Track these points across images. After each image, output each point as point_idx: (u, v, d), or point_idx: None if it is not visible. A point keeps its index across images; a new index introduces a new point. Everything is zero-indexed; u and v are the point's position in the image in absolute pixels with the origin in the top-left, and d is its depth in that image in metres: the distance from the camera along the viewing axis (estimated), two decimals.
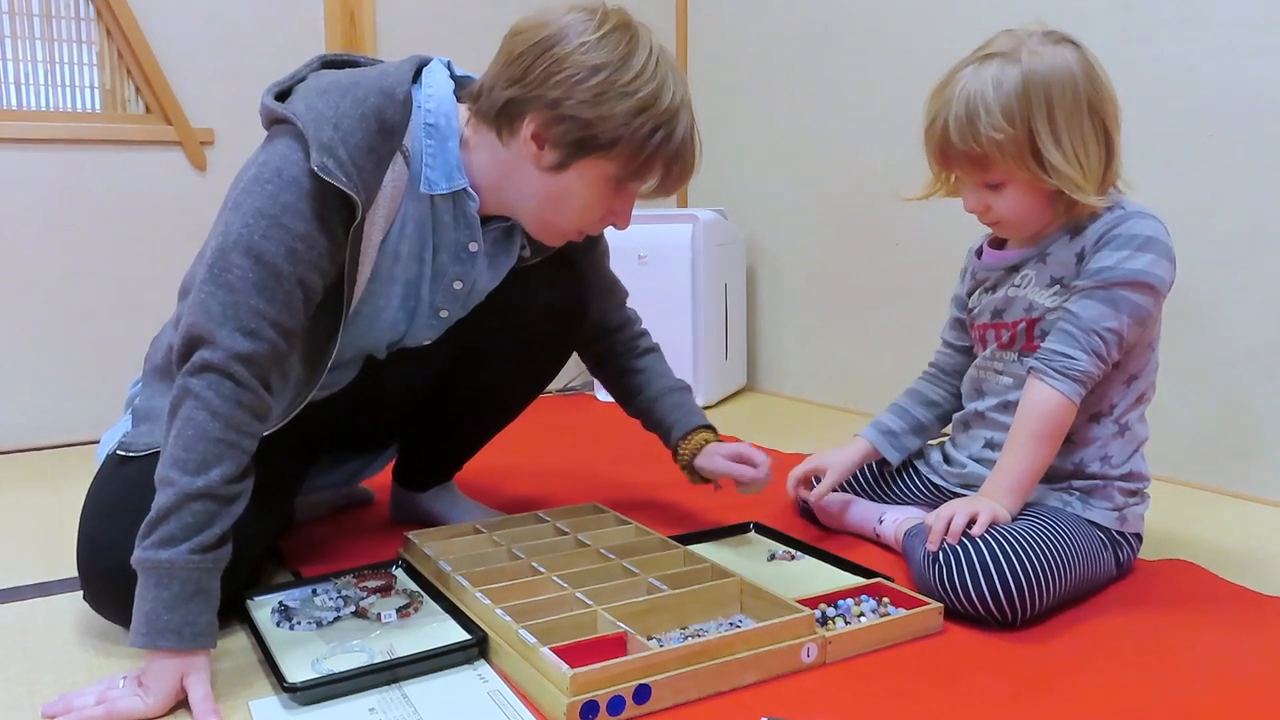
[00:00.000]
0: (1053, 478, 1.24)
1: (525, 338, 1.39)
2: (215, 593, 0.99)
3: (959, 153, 1.16)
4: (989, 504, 1.16)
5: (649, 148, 1.12)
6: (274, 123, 1.11)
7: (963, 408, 1.40)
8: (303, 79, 1.14)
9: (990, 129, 1.13)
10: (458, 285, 1.25)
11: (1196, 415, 1.71)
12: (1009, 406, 1.26)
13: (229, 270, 1.03)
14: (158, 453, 1.02)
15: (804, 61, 2.50)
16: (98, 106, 2.22)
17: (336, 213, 1.07)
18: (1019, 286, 1.26)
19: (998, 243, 1.33)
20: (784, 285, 2.66)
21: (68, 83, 2.19)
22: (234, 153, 2.28)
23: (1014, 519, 1.17)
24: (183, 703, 0.95)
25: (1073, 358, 1.16)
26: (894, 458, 1.43)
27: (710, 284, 2.49)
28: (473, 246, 1.23)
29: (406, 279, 1.22)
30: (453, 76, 1.21)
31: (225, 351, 1.00)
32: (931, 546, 1.15)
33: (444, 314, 1.28)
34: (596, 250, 1.46)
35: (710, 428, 1.48)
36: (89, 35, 2.19)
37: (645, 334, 1.56)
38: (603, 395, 2.63)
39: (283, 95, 1.12)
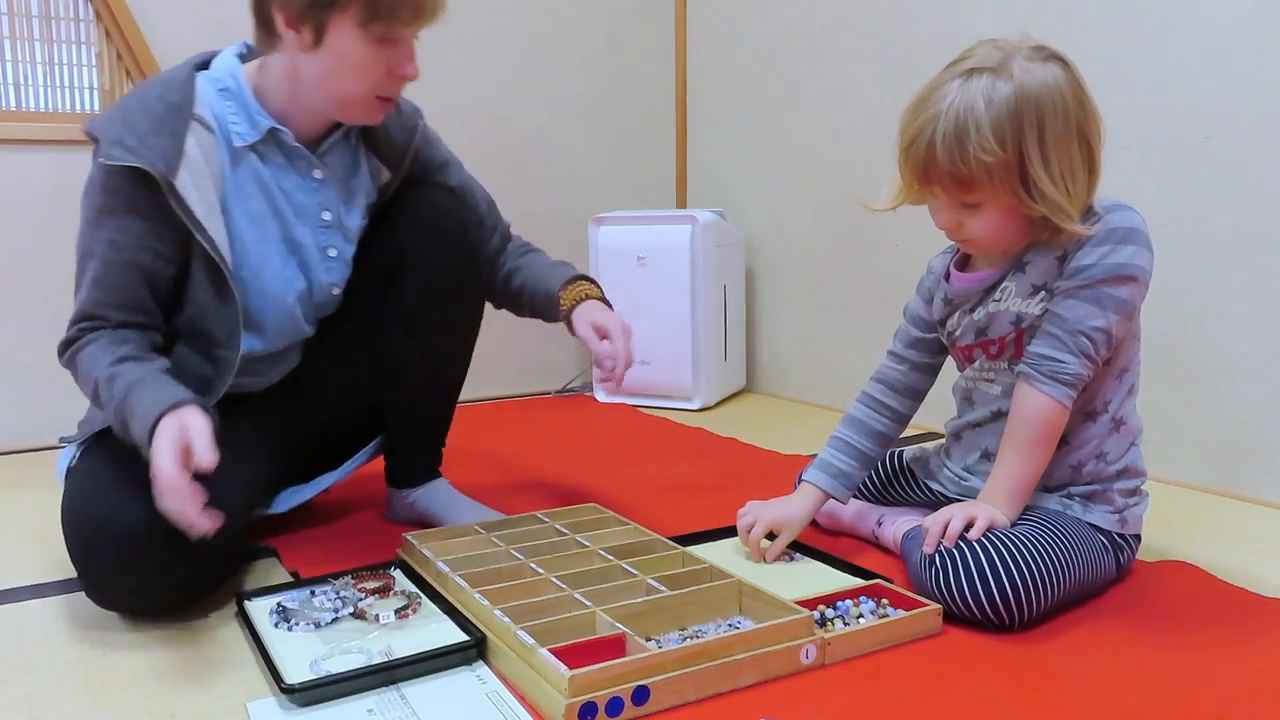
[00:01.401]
0: (1050, 483, 1.24)
1: (436, 266, 1.41)
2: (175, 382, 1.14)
3: (943, 173, 1.11)
4: (987, 509, 1.15)
5: None
6: (93, 143, 1.22)
7: (905, 427, 1.40)
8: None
9: (980, 150, 1.08)
10: (326, 215, 1.34)
11: (1195, 417, 1.71)
12: (1002, 414, 1.24)
13: (81, 274, 1.22)
14: (103, 430, 1.22)
15: (803, 63, 2.50)
16: (97, 108, 2.22)
17: (142, 192, 1.18)
18: (999, 300, 1.22)
19: (961, 263, 1.30)
20: (783, 287, 2.66)
21: (67, 84, 2.19)
22: None
23: (1013, 523, 1.17)
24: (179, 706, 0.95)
25: (1061, 361, 1.15)
26: (844, 496, 1.37)
27: (709, 285, 2.49)
28: (318, 174, 1.33)
29: (280, 236, 1.31)
30: (247, 50, 1.32)
31: (68, 336, 1.22)
32: (928, 550, 1.15)
33: (333, 252, 1.36)
34: (453, 172, 1.52)
35: (589, 280, 1.49)
36: (88, 36, 2.19)
37: (524, 242, 1.59)
38: (602, 396, 2.63)
39: None
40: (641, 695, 0.93)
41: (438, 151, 1.51)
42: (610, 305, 1.47)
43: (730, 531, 1.46)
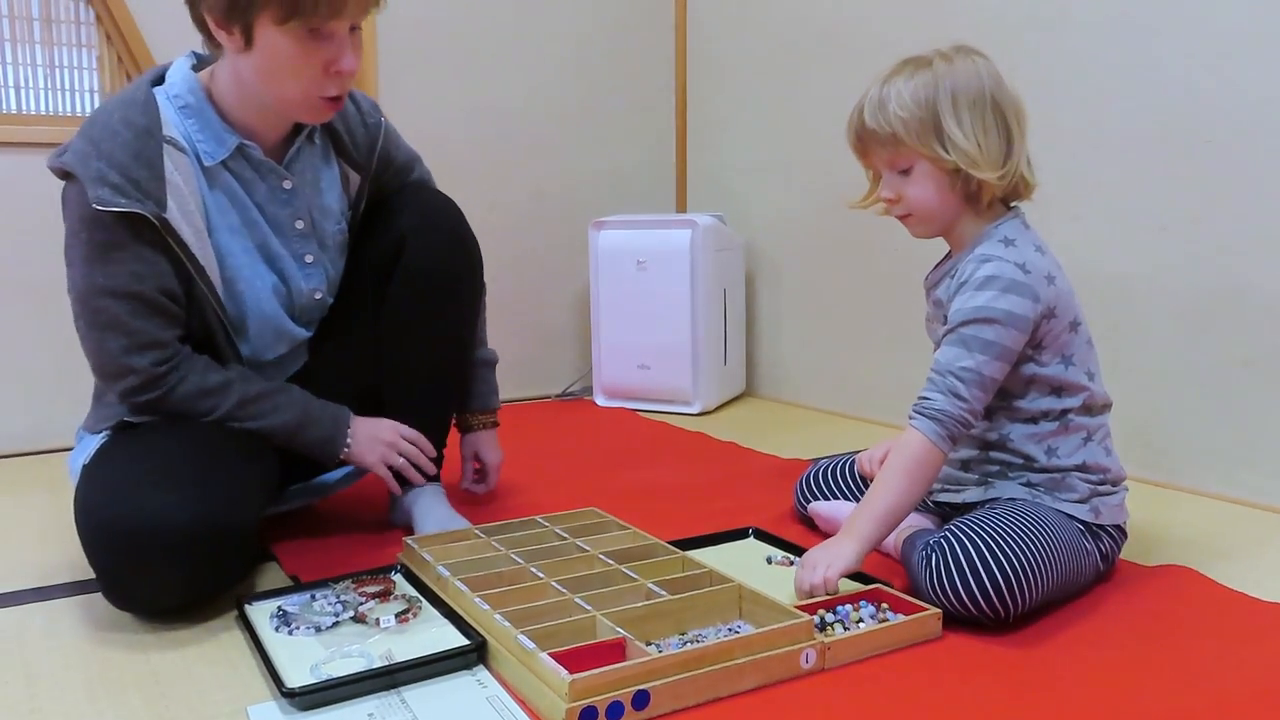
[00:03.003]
0: (1006, 473, 1.28)
1: (434, 250, 1.43)
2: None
3: (870, 133, 1.25)
4: (838, 553, 1.17)
5: None
6: (63, 179, 1.23)
7: None
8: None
9: (899, 109, 1.22)
10: (300, 224, 1.37)
11: (1194, 420, 1.72)
12: None
13: (101, 313, 1.21)
14: (122, 425, 1.28)
15: (803, 67, 2.51)
16: None
17: (140, 228, 1.19)
18: (931, 320, 1.35)
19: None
20: (783, 290, 2.67)
21: (67, 87, 2.19)
22: None
23: (995, 514, 1.18)
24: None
25: (929, 399, 1.21)
26: None
27: (709, 289, 2.50)
28: (287, 184, 1.34)
29: (257, 245, 1.33)
30: (198, 60, 1.32)
31: (143, 374, 1.23)
32: (800, 599, 1.17)
33: (309, 258, 1.38)
34: (419, 169, 1.56)
35: (492, 410, 1.63)
36: (89, 39, 2.19)
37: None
38: (602, 400, 2.63)
39: None
40: (642, 699, 0.93)
41: (401, 150, 1.52)
42: (498, 424, 1.64)
43: (730, 536, 1.46)
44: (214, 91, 1.28)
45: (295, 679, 1.00)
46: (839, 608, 1.13)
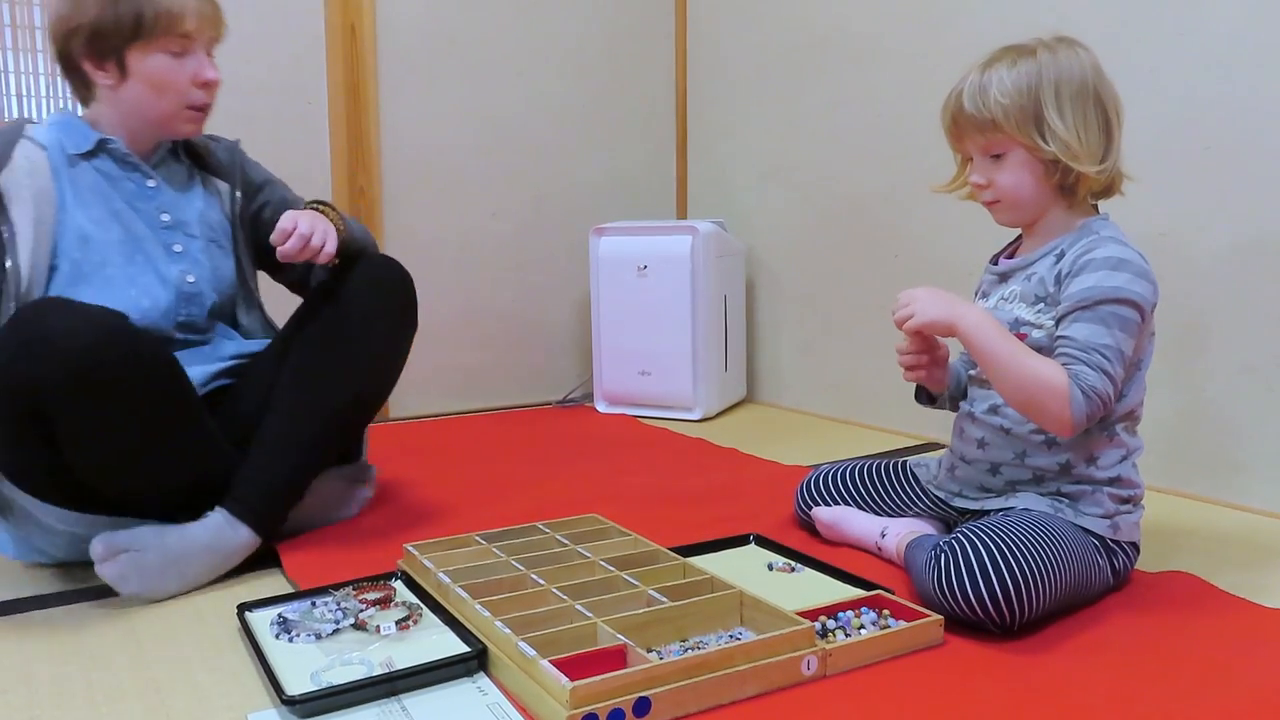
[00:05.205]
0: (1040, 479, 1.26)
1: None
2: None
3: (967, 117, 1.25)
4: (939, 307, 1.22)
5: (132, 9, 1.37)
6: None
7: None
8: None
9: (1000, 95, 1.22)
10: (165, 217, 1.49)
11: (1196, 426, 1.72)
12: (997, 409, 1.29)
13: None
14: None
15: (803, 74, 2.51)
16: None
17: None
18: (1007, 300, 1.30)
19: (1010, 255, 1.36)
20: (783, 297, 2.67)
21: (69, 95, 2.19)
22: None
23: (1007, 520, 1.18)
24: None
25: (1080, 373, 1.16)
26: (940, 387, 1.41)
27: (710, 296, 2.50)
28: (151, 182, 1.49)
29: (122, 238, 1.43)
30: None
31: None
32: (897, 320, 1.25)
33: (178, 247, 1.49)
34: (276, 188, 1.65)
35: (330, 206, 1.56)
36: None
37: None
38: (603, 406, 2.63)
39: None
40: (643, 707, 0.93)
41: (259, 171, 1.66)
42: (341, 227, 1.51)
43: (731, 542, 1.46)
44: (94, 120, 1.46)
45: (295, 686, 1.00)
46: (840, 614, 1.13)
